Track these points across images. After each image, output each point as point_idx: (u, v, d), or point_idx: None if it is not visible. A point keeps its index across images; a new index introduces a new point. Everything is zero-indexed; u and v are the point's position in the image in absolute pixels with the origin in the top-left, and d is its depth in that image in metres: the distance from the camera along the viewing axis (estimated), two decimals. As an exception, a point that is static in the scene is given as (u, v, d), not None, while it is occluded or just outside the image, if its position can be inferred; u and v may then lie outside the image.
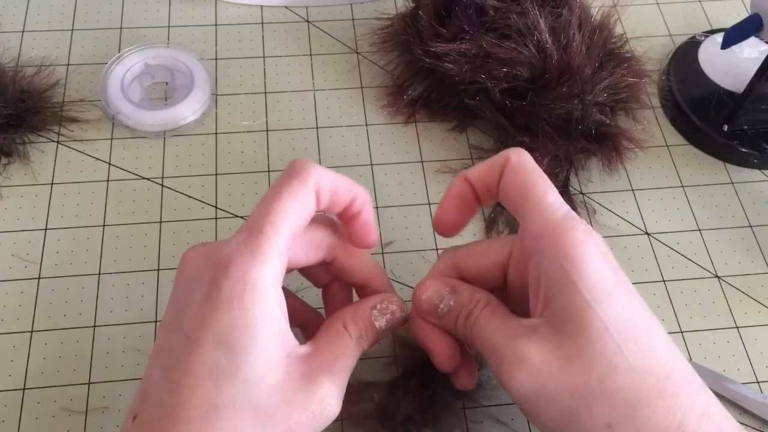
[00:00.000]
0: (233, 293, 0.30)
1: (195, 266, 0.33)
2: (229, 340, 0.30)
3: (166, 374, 0.31)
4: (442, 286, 0.36)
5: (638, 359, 0.31)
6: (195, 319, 0.31)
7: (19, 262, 0.46)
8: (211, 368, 0.30)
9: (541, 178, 0.35)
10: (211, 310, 0.30)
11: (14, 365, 0.42)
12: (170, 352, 0.31)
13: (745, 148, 0.53)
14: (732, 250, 0.50)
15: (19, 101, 0.50)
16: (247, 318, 0.30)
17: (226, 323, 0.30)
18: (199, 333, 0.30)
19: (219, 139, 0.52)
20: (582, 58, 0.49)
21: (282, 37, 0.58)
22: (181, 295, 0.33)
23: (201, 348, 0.30)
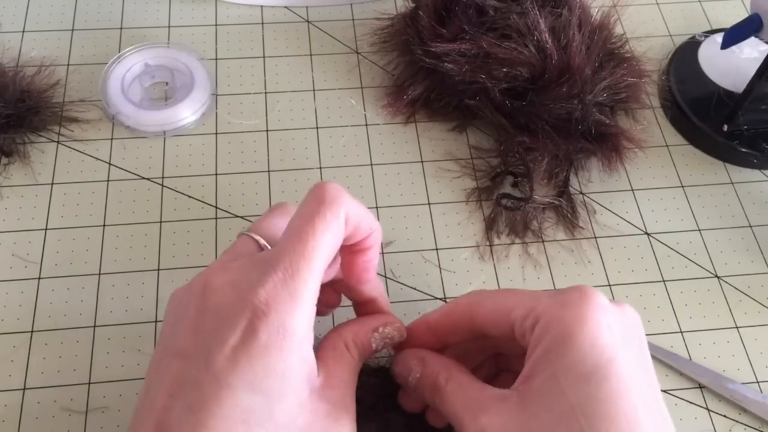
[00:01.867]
0: (271, 342, 0.30)
1: (225, 300, 0.31)
2: (263, 387, 0.30)
3: (192, 412, 0.29)
4: (410, 357, 0.37)
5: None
6: (228, 362, 0.30)
7: (19, 262, 0.46)
8: (243, 413, 0.29)
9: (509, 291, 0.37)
10: (246, 356, 0.30)
11: (14, 365, 0.43)
12: (197, 389, 0.30)
13: (745, 148, 0.53)
14: (732, 250, 0.50)
15: (20, 101, 0.50)
16: (284, 366, 0.30)
17: (262, 370, 0.30)
18: (232, 377, 0.29)
19: (219, 139, 0.52)
20: (582, 58, 0.49)
21: (282, 37, 0.58)
22: (207, 326, 0.31)
23: (234, 393, 0.29)
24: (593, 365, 0.31)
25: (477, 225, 0.50)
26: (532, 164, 0.50)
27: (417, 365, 0.36)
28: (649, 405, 0.31)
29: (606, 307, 0.32)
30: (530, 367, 0.32)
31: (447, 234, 0.49)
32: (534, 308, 0.33)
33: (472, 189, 0.51)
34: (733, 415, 0.43)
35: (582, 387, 0.30)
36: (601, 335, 0.31)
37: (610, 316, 0.32)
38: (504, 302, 0.35)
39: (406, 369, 0.37)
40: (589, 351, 0.31)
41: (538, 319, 0.32)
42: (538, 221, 0.50)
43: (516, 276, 0.48)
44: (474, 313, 0.36)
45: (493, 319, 0.35)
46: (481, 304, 0.36)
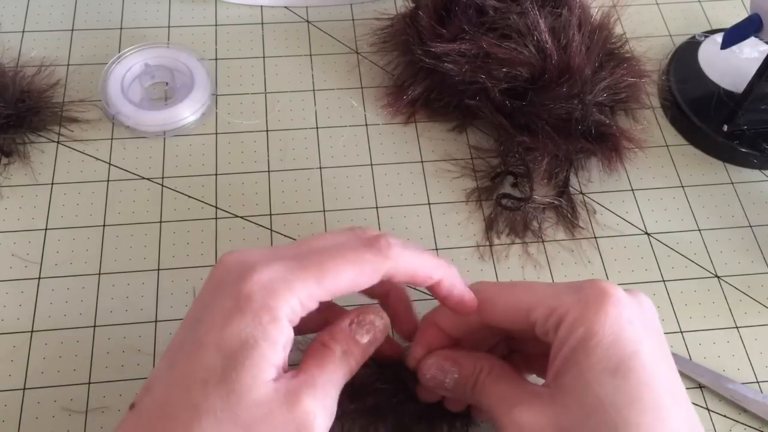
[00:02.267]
0: (248, 309, 0.31)
1: (226, 270, 0.33)
2: (228, 349, 0.30)
3: (169, 370, 0.32)
4: (443, 360, 0.37)
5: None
6: (209, 324, 0.31)
7: (19, 262, 0.46)
8: (204, 372, 0.30)
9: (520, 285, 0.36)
10: (224, 318, 0.31)
11: (14, 365, 0.43)
12: (179, 350, 0.32)
13: (745, 148, 0.53)
14: (732, 250, 0.50)
15: (20, 101, 0.50)
16: (254, 334, 0.30)
17: (233, 334, 0.30)
18: (207, 337, 0.31)
19: (219, 139, 0.52)
20: (582, 58, 0.49)
21: (282, 37, 0.58)
22: (205, 296, 0.33)
23: (204, 351, 0.31)
24: (618, 359, 0.31)
25: (477, 225, 0.50)
26: (532, 164, 0.50)
27: (452, 367, 0.36)
28: (675, 392, 0.32)
29: (625, 302, 0.33)
30: (558, 365, 0.33)
31: (447, 234, 0.49)
32: (556, 308, 0.33)
33: (472, 189, 0.51)
34: (733, 415, 0.43)
35: (609, 381, 0.31)
36: (623, 330, 0.32)
37: (630, 310, 0.33)
38: (518, 300, 0.35)
39: (442, 372, 0.36)
40: (613, 346, 0.32)
41: (561, 319, 0.33)
42: (538, 221, 0.50)
43: (516, 276, 0.48)
44: (486, 311, 0.36)
45: (509, 317, 0.35)
46: (493, 302, 0.36)
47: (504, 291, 0.36)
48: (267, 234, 0.48)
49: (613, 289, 0.33)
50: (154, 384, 0.32)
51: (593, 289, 0.33)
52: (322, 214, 0.49)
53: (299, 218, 0.49)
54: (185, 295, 0.45)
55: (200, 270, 0.46)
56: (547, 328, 0.34)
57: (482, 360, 0.36)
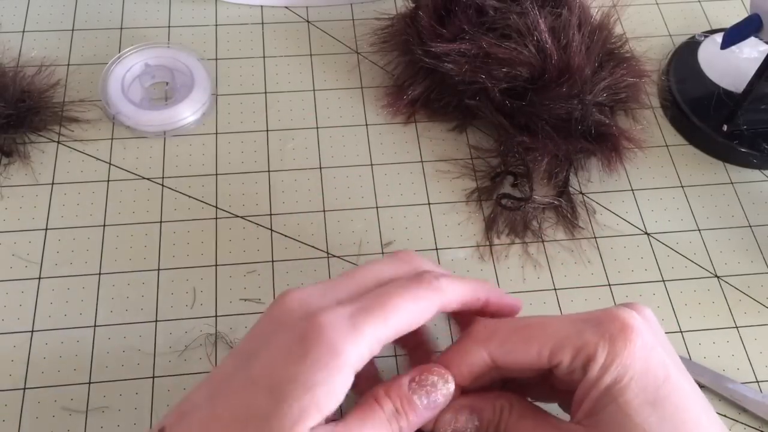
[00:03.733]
0: (314, 352, 0.30)
1: (288, 310, 0.32)
2: (280, 390, 0.29)
3: (210, 403, 0.30)
4: (460, 412, 0.34)
5: None
6: (264, 362, 0.30)
7: (19, 261, 0.46)
8: (248, 411, 0.29)
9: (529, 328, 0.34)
10: (283, 360, 0.30)
11: (14, 365, 0.43)
12: (226, 383, 0.31)
13: (745, 148, 0.53)
14: (731, 250, 0.50)
15: (20, 101, 0.50)
16: (312, 378, 0.29)
17: (290, 374, 0.29)
18: (260, 376, 0.30)
19: (219, 139, 0.52)
20: (582, 58, 0.49)
21: (282, 37, 0.58)
22: (263, 332, 0.32)
23: (252, 388, 0.30)
24: (654, 389, 0.31)
25: (477, 225, 0.50)
26: (532, 164, 0.50)
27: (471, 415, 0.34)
28: (705, 406, 0.33)
29: (643, 328, 0.33)
30: (592, 403, 0.32)
31: (447, 234, 0.49)
32: (581, 348, 0.32)
33: (472, 189, 0.51)
34: (732, 414, 0.43)
35: (650, 412, 0.31)
36: (650, 358, 0.32)
37: (648, 335, 0.33)
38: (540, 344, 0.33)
39: (462, 425, 0.34)
40: (646, 377, 0.32)
41: (590, 358, 0.32)
42: (538, 221, 0.50)
43: (516, 276, 0.48)
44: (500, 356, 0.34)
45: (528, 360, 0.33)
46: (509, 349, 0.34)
47: (519, 334, 0.34)
48: (267, 234, 0.48)
49: (631, 318, 0.33)
50: (191, 412, 0.30)
51: (614, 322, 0.33)
52: (322, 214, 0.49)
53: (299, 218, 0.49)
54: (185, 295, 0.45)
55: (200, 270, 0.46)
56: (573, 368, 0.33)
57: (500, 399, 0.35)
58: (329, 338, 0.30)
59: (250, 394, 0.30)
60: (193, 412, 0.31)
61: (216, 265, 0.47)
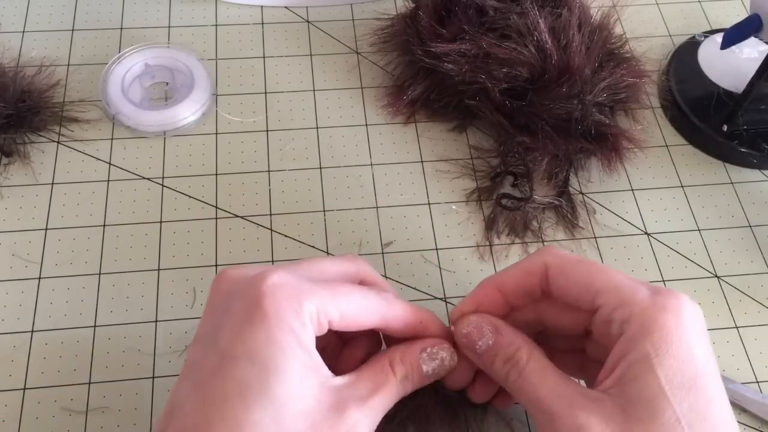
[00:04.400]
0: (273, 310, 0.30)
1: (235, 281, 0.32)
2: (262, 358, 0.29)
3: (195, 390, 0.30)
4: (486, 323, 0.35)
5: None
6: (231, 334, 0.30)
7: (19, 261, 0.46)
8: (240, 386, 0.29)
9: (594, 265, 0.34)
10: (248, 326, 0.30)
11: (15, 365, 0.43)
12: (202, 367, 0.31)
13: (745, 148, 0.53)
14: (731, 250, 0.50)
15: (20, 101, 0.50)
16: (285, 338, 0.30)
17: (262, 340, 0.29)
18: (233, 349, 0.30)
19: (219, 139, 0.52)
20: (582, 58, 0.49)
21: (282, 37, 0.58)
22: (217, 308, 0.32)
23: (233, 364, 0.29)
24: (692, 375, 0.31)
25: (477, 225, 0.50)
26: (532, 164, 0.50)
27: (490, 332, 0.35)
28: (731, 414, 0.32)
29: (698, 316, 0.32)
30: (623, 369, 0.31)
31: (447, 234, 0.49)
32: (628, 301, 0.32)
33: (472, 189, 0.51)
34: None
35: (685, 397, 0.30)
36: (695, 345, 0.32)
37: (700, 325, 0.32)
38: (591, 278, 0.34)
39: (479, 333, 0.35)
40: (688, 361, 0.31)
41: (631, 315, 0.32)
42: (538, 221, 0.50)
43: (516, 276, 0.48)
44: (552, 279, 0.35)
45: (576, 293, 0.34)
46: (563, 274, 0.34)
47: (578, 265, 0.34)
48: (267, 234, 0.48)
49: (689, 301, 0.32)
50: (179, 407, 0.30)
51: (672, 297, 0.32)
52: (322, 214, 0.49)
53: (299, 218, 0.49)
54: (185, 295, 0.45)
55: (200, 270, 0.46)
56: (611, 317, 0.32)
57: (522, 338, 0.35)
58: (284, 295, 0.30)
59: (234, 370, 0.29)
60: (181, 407, 0.30)
61: (216, 265, 0.47)
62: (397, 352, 0.34)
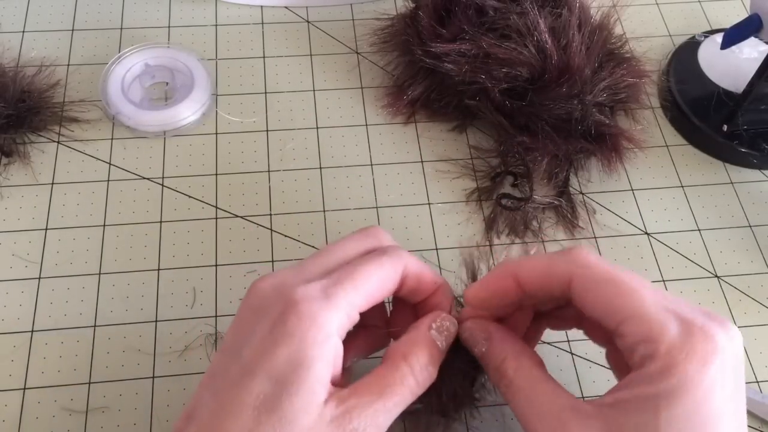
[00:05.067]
0: (297, 330, 0.30)
1: (263, 296, 0.33)
2: (280, 375, 0.30)
3: (215, 398, 0.31)
4: (479, 330, 0.36)
5: None
6: (255, 349, 0.31)
7: (19, 261, 0.46)
8: (257, 399, 0.30)
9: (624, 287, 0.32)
10: (272, 343, 0.31)
11: (15, 365, 0.43)
12: (224, 377, 0.31)
13: (745, 148, 0.53)
14: (731, 250, 0.50)
15: (20, 101, 0.50)
16: (306, 356, 0.30)
17: (284, 358, 0.30)
18: (255, 364, 0.30)
19: (219, 139, 0.52)
20: (582, 58, 0.49)
21: (282, 37, 0.58)
22: (245, 323, 0.33)
23: (253, 379, 0.30)
24: (701, 422, 0.29)
25: (477, 225, 0.50)
26: (532, 164, 0.50)
27: (483, 339, 0.35)
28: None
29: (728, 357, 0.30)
30: (628, 398, 0.30)
31: (447, 234, 0.49)
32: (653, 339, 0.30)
33: (472, 189, 0.51)
34: (732, 414, 0.43)
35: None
36: (718, 394, 0.30)
37: (729, 370, 0.30)
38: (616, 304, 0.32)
39: (474, 341, 0.35)
40: (697, 412, 0.29)
41: (655, 354, 0.30)
42: (538, 221, 0.50)
43: (516, 276, 0.48)
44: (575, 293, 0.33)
45: (598, 313, 0.32)
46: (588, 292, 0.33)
47: (606, 286, 0.32)
48: (267, 234, 0.48)
49: (727, 340, 0.30)
50: (198, 411, 0.31)
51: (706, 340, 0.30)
52: (322, 214, 0.49)
53: (299, 218, 0.49)
54: (185, 295, 0.45)
55: (200, 270, 0.46)
56: (635, 349, 0.31)
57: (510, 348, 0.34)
58: (309, 313, 0.31)
59: (252, 384, 0.30)
60: (200, 412, 0.31)
61: (216, 265, 0.47)
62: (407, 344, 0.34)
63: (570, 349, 0.45)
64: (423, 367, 0.33)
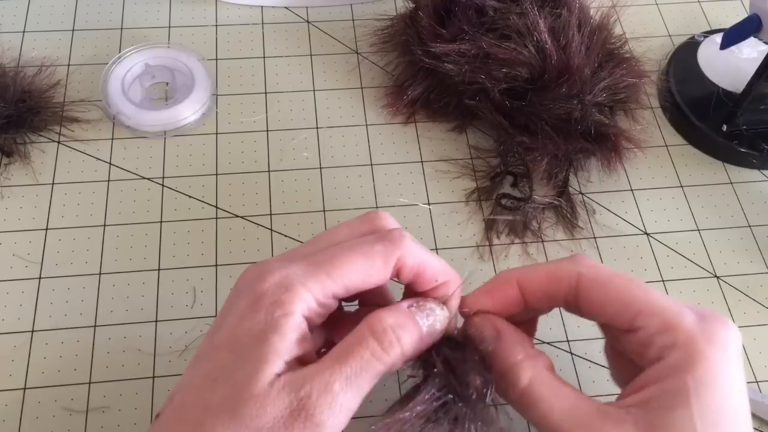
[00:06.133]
0: (262, 308, 0.31)
1: (247, 280, 0.33)
2: (238, 346, 0.30)
3: (186, 374, 0.32)
4: (488, 326, 0.34)
5: None
6: (225, 326, 0.31)
7: (19, 261, 0.46)
8: (216, 370, 0.30)
9: (633, 282, 0.32)
10: (240, 320, 0.31)
11: (15, 365, 0.43)
12: (199, 356, 0.32)
13: (744, 148, 0.53)
14: (731, 250, 0.50)
15: (20, 101, 0.50)
16: (262, 330, 0.30)
17: (244, 332, 0.31)
18: (221, 339, 0.31)
19: (219, 139, 0.52)
20: (581, 58, 0.49)
21: (282, 37, 0.58)
22: (227, 305, 0.33)
23: (216, 352, 0.31)
24: (728, 414, 0.29)
25: (477, 225, 0.50)
26: (532, 164, 0.50)
27: (491, 337, 0.33)
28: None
29: (740, 344, 0.31)
30: (655, 395, 0.30)
31: (447, 234, 0.49)
32: (673, 327, 0.30)
33: (471, 189, 0.51)
34: (732, 414, 0.44)
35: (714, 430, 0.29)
36: (738, 381, 0.30)
37: (740, 356, 0.31)
38: (629, 297, 0.32)
39: (479, 337, 0.33)
40: (727, 398, 0.30)
41: (675, 343, 0.30)
42: (538, 221, 0.50)
43: (516, 276, 0.48)
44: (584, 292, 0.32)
45: (611, 311, 0.32)
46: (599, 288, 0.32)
47: (616, 280, 0.32)
48: (267, 234, 0.48)
49: (734, 328, 0.31)
50: (175, 392, 0.32)
51: (720, 325, 0.30)
52: (322, 214, 0.49)
53: (299, 218, 0.49)
54: (185, 295, 0.46)
55: (200, 270, 0.47)
56: (651, 341, 0.30)
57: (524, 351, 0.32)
58: (274, 292, 0.31)
59: (216, 357, 0.31)
60: (175, 392, 0.32)
61: (216, 265, 0.47)
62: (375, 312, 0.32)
63: (570, 349, 0.45)
64: (389, 331, 0.31)
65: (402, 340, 0.31)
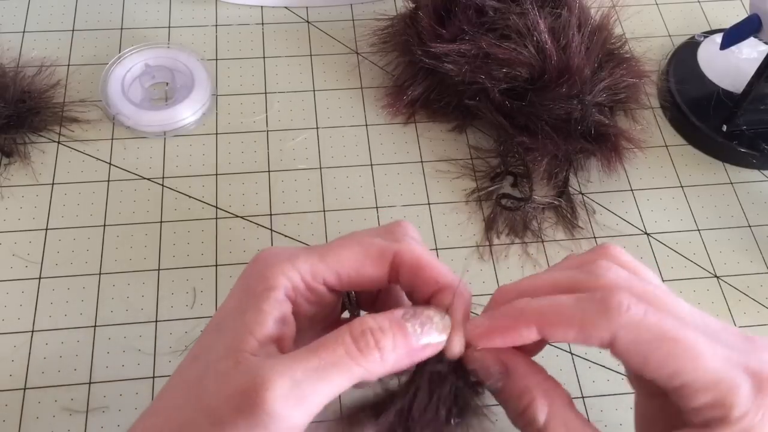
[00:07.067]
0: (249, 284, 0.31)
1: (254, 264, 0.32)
2: (222, 324, 0.31)
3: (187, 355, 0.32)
4: (493, 362, 0.30)
5: None
6: (221, 308, 0.32)
7: (19, 261, 0.46)
8: (197, 348, 0.31)
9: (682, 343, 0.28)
10: (229, 298, 0.32)
11: (15, 365, 0.43)
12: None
13: (744, 148, 0.53)
14: (731, 250, 0.50)
15: (20, 102, 0.50)
16: (240, 305, 0.31)
17: (229, 309, 0.31)
18: (212, 319, 0.32)
19: (219, 139, 0.52)
20: (581, 58, 0.49)
21: (282, 37, 0.58)
22: (233, 288, 0.33)
23: (205, 332, 0.32)
24: None
25: (477, 225, 0.50)
26: (532, 164, 0.50)
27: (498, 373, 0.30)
28: None
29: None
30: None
31: (447, 234, 0.49)
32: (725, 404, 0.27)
33: (471, 189, 0.51)
34: (732, 414, 0.43)
35: None
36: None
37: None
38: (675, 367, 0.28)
39: (485, 373, 0.30)
40: None
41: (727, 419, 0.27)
42: (538, 221, 0.50)
43: (515, 276, 0.48)
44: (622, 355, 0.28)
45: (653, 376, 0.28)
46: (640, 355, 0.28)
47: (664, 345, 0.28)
48: (267, 234, 0.48)
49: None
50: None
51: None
52: (322, 214, 0.49)
53: (299, 218, 0.49)
54: (185, 295, 0.46)
55: (200, 270, 0.47)
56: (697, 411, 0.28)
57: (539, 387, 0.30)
58: (261, 269, 0.31)
59: (203, 337, 0.31)
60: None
61: (216, 265, 0.47)
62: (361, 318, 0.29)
63: (570, 349, 0.45)
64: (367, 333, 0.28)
65: (381, 345, 0.28)
